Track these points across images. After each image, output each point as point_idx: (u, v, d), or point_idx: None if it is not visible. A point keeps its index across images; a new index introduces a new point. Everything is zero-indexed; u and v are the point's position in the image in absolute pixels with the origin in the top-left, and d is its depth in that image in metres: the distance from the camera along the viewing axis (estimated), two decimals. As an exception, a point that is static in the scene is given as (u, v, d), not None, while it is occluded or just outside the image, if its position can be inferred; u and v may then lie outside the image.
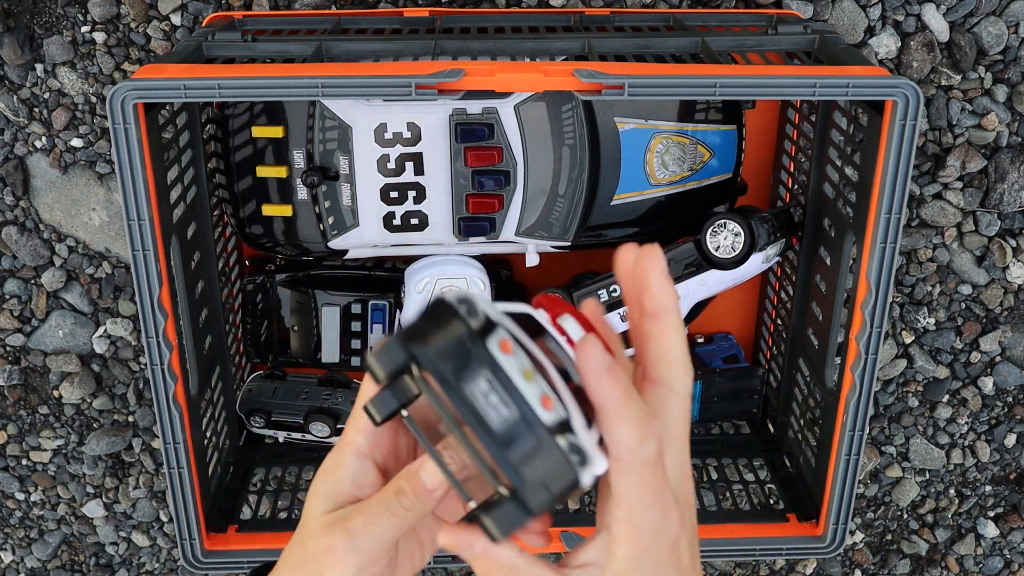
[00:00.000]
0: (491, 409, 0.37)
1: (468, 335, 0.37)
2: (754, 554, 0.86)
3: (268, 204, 0.86)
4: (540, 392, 0.37)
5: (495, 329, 0.38)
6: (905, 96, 0.69)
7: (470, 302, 0.38)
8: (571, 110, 0.82)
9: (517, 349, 0.38)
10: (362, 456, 0.46)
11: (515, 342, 0.38)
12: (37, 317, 1.06)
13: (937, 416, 1.14)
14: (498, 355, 0.37)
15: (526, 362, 0.38)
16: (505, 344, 0.37)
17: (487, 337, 0.37)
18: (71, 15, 0.93)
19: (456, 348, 0.37)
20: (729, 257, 0.86)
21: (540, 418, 0.37)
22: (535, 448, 0.37)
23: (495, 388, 0.37)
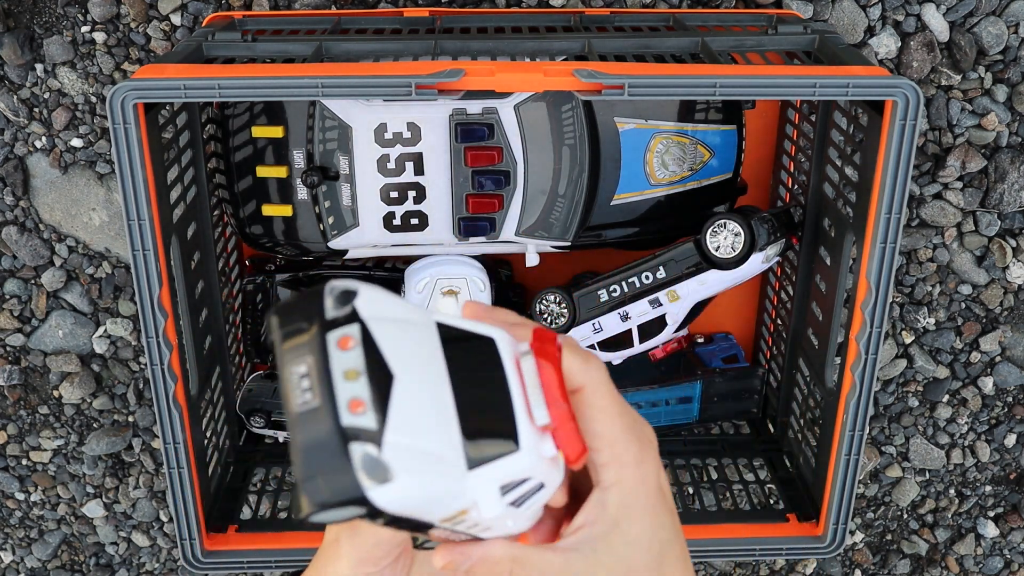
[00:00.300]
0: (299, 392, 0.36)
1: (315, 321, 0.37)
2: (754, 554, 0.86)
3: (268, 204, 0.86)
4: (353, 395, 0.35)
5: (348, 325, 0.37)
6: (905, 96, 0.69)
7: (346, 293, 0.38)
8: (571, 110, 0.82)
9: (358, 349, 0.36)
10: None
11: (364, 344, 0.37)
12: (37, 317, 1.06)
13: (937, 416, 1.14)
14: (331, 347, 0.36)
15: (359, 364, 0.36)
16: (345, 341, 0.36)
17: (331, 329, 0.37)
18: (71, 15, 0.93)
19: (297, 329, 0.37)
20: (729, 257, 0.86)
21: (338, 415, 0.35)
22: (321, 443, 0.35)
23: (310, 375, 0.36)
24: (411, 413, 0.37)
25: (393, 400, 0.36)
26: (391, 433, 0.35)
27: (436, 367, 0.39)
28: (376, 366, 0.36)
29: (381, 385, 0.36)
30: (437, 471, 0.37)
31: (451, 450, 0.38)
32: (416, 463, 0.36)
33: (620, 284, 0.91)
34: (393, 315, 0.38)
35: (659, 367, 0.99)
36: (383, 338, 0.37)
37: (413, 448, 0.36)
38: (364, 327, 0.37)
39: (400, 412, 0.36)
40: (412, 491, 0.36)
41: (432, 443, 0.37)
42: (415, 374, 0.38)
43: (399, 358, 0.37)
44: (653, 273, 0.90)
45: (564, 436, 0.41)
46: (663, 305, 0.90)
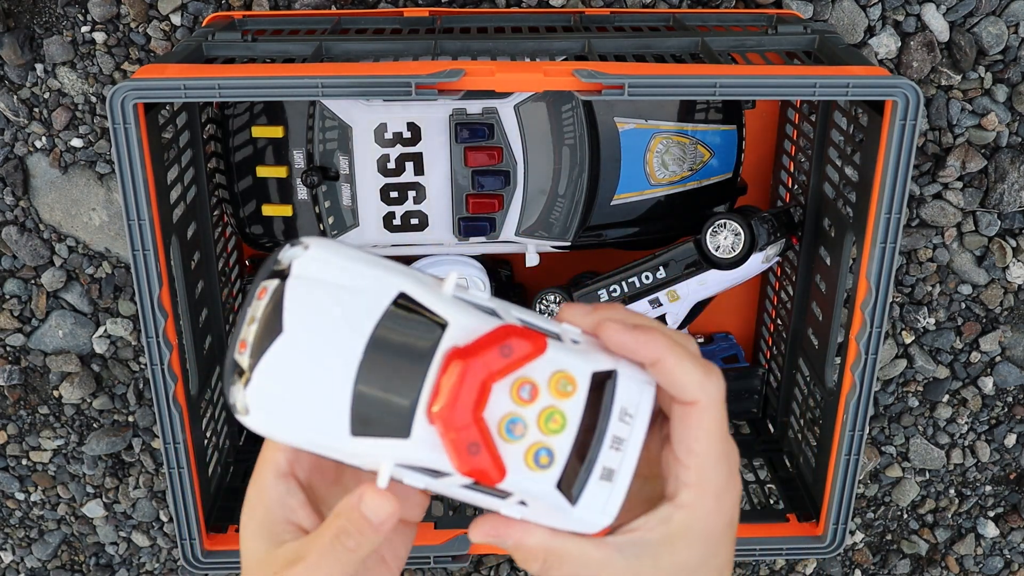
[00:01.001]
0: None
1: (267, 267, 0.42)
2: (754, 554, 0.86)
3: (268, 204, 0.86)
4: (243, 337, 0.41)
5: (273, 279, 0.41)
6: (905, 96, 0.69)
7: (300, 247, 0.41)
8: (571, 110, 0.82)
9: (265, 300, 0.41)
10: (284, 476, 0.44)
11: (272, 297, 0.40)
12: (37, 317, 1.06)
13: (937, 416, 1.14)
14: (252, 295, 0.41)
15: (258, 313, 0.40)
16: (262, 291, 0.41)
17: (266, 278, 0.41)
18: (71, 15, 0.93)
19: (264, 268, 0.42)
20: (729, 257, 0.86)
21: (232, 348, 0.41)
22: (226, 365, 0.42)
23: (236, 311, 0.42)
24: (287, 367, 0.40)
25: (269, 353, 0.40)
26: (257, 375, 0.40)
27: (352, 339, 0.40)
28: (271, 319, 0.40)
29: (266, 337, 0.40)
30: (304, 424, 0.41)
31: (331, 412, 0.40)
32: (276, 408, 0.41)
33: (620, 284, 0.91)
34: (334, 280, 0.40)
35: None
36: (293, 297, 0.40)
37: (278, 395, 0.40)
38: (283, 284, 0.40)
39: (273, 364, 0.40)
40: (271, 428, 0.42)
41: (304, 397, 0.40)
42: (312, 338, 0.40)
43: (301, 320, 0.40)
44: (653, 273, 0.90)
45: (451, 443, 0.39)
46: (663, 305, 0.90)
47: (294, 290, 0.40)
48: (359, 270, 0.41)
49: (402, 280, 0.41)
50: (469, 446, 0.39)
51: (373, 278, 0.41)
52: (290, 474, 0.44)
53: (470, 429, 0.39)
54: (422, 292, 0.40)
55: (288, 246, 0.42)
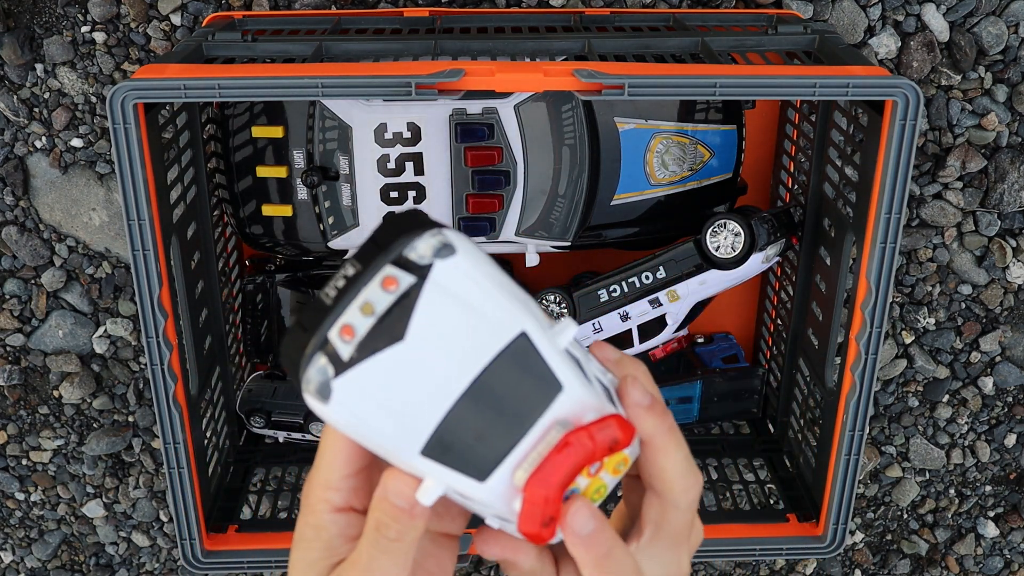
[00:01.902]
0: (331, 284, 0.39)
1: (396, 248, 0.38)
2: (754, 554, 0.86)
3: (268, 204, 0.86)
4: (352, 323, 0.37)
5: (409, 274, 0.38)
6: (905, 96, 0.69)
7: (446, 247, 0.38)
8: (571, 110, 0.82)
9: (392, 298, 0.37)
10: (343, 511, 0.42)
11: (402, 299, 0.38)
12: (37, 317, 1.06)
13: (937, 416, 1.14)
14: (377, 278, 0.38)
15: (380, 307, 0.37)
16: (390, 282, 0.37)
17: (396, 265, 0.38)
18: (71, 15, 0.93)
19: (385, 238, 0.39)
20: (729, 257, 0.86)
21: (328, 327, 0.38)
22: (305, 330, 0.38)
23: (346, 280, 0.38)
24: (393, 375, 0.37)
25: (381, 356, 0.37)
26: (355, 371, 0.37)
27: (466, 361, 0.38)
28: (394, 321, 0.37)
29: (382, 337, 0.37)
30: (380, 430, 0.38)
31: (413, 428, 0.38)
32: (360, 409, 0.38)
33: (620, 284, 0.91)
34: (469, 298, 0.38)
35: (659, 367, 0.99)
36: (427, 308, 0.37)
37: (369, 397, 0.38)
38: (420, 286, 0.37)
39: (381, 366, 0.37)
40: (343, 422, 0.39)
41: (395, 408, 0.38)
42: (428, 353, 0.37)
43: (425, 334, 0.37)
44: (653, 273, 0.90)
45: (529, 510, 0.39)
46: (663, 305, 0.90)
47: (430, 300, 0.37)
48: (493, 294, 0.38)
49: (526, 317, 0.39)
50: (545, 520, 0.39)
51: (501, 307, 0.38)
52: (348, 508, 0.42)
53: (554, 506, 0.39)
54: (542, 339, 0.39)
55: (429, 235, 0.38)
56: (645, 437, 0.42)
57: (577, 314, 0.93)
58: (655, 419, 0.41)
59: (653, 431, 0.41)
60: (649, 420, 0.41)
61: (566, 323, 0.40)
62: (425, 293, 0.37)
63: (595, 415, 0.40)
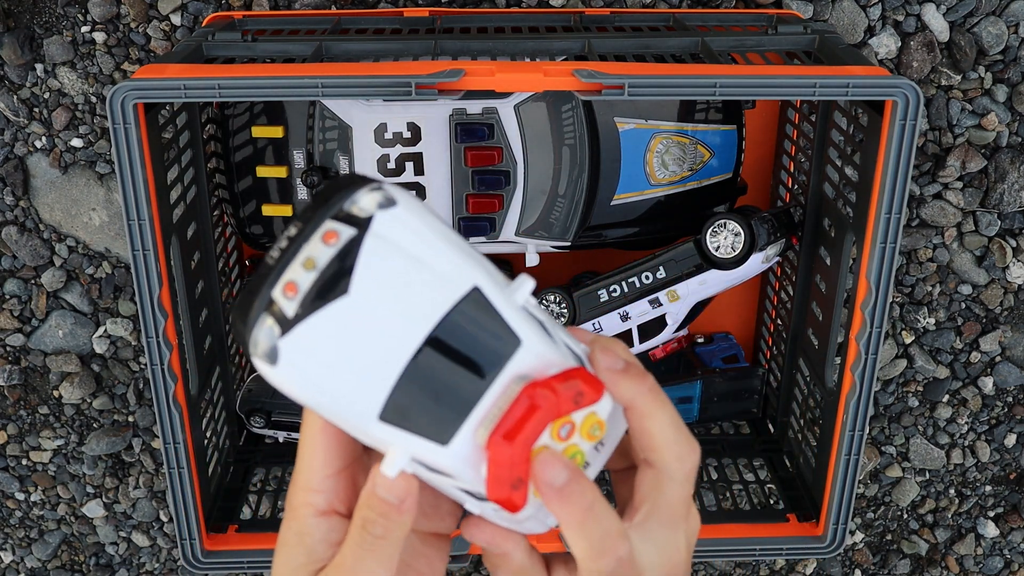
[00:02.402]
0: (275, 246, 0.38)
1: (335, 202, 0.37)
2: (754, 554, 0.86)
3: (268, 204, 0.86)
4: (294, 279, 0.36)
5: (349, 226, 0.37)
6: (905, 96, 0.69)
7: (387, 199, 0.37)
8: (571, 110, 0.82)
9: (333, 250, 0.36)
10: (325, 514, 0.41)
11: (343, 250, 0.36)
12: (37, 317, 1.06)
13: (937, 416, 1.14)
14: (317, 232, 0.37)
15: (322, 261, 0.36)
16: (330, 236, 0.36)
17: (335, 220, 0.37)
18: (71, 15, 0.93)
19: (324, 196, 0.38)
20: (729, 257, 0.86)
21: (272, 286, 0.37)
22: (251, 293, 0.37)
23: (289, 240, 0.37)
24: (339, 331, 0.36)
25: (327, 309, 0.36)
26: (302, 329, 0.36)
27: (416, 322, 0.37)
28: (336, 275, 0.36)
29: (325, 291, 0.36)
30: (333, 392, 0.37)
31: (366, 390, 0.37)
32: (310, 369, 0.37)
33: (620, 284, 0.91)
34: (414, 251, 0.37)
35: (659, 367, 0.99)
36: (370, 261, 0.36)
37: (317, 356, 0.36)
38: (360, 238, 0.36)
39: (326, 322, 0.36)
40: (295, 385, 0.37)
41: (345, 368, 0.37)
42: (375, 308, 0.36)
43: (369, 286, 0.36)
44: (653, 273, 0.90)
45: (495, 472, 0.37)
46: (663, 305, 0.90)
47: (372, 251, 0.36)
48: (440, 247, 0.37)
49: (478, 272, 0.37)
50: (514, 481, 0.38)
51: (451, 261, 0.37)
52: (331, 511, 0.41)
53: (521, 466, 0.38)
54: (496, 294, 0.38)
55: (368, 189, 0.37)
56: (625, 402, 0.40)
57: (577, 314, 0.93)
58: (631, 381, 0.40)
59: (632, 394, 0.40)
60: (625, 382, 0.40)
61: (522, 279, 0.39)
62: (366, 245, 0.36)
63: (558, 371, 0.38)
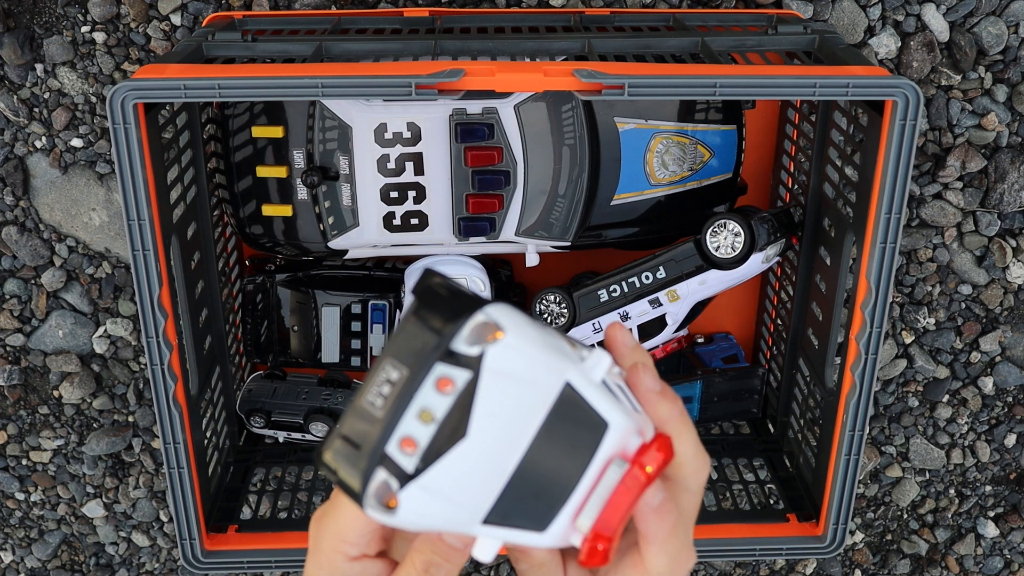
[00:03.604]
0: (375, 391, 0.36)
1: (442, 340, 0.36)
2: (754, 554, 0.86)
3: (268, 204, 0.86)
4: (412, 435, 0.36)
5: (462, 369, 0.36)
6: (905, 96, 0.69)
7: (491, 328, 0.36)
8: (571, 110, 0.82)
9: (451, 399, 0.36)
10: (358, 558, 0.42)
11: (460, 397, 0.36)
12: (37, 317, 1.06)
13: (937, 416, 1.14)
14: (430, 379, 0.36)
15: (440, 412, 0.36)
16: (445, 383, 0.36)
17: (446, 362, 0.36)
18: (71, 15, 0.93)
19: (423, 328, 0.36)
20: (729, 257, 0.86)
21: (386, 441, 0.36)
22: (357, 444, 0.36)
23: (394, 387, 0.36)
24: (455, 474, 0.36)
25: (446, 458, 0.36)
26: (421, 481, 0.36)
27: (521, 433, 0.37)
28: (454, 421, 0.36)
29: (445, 440, 0.36)
30: (445, 518, 0.37)
31: (475, 507, 0.37)
32: (427, 510, 0.37)
33: (620, 284, 0.91)
34: (519, 373, 0.36)
35: (659, 367, 0.99)
36: (485, 398, 0.36)
37: (433, 499, 0.36)
38: (476, 380, 0.36)
39: (444, 471, 0.36)
40: (407, 524, 0.37)
41: (457, 500, 0.37)
42: (489, 439, 0.36)
43: (485, 421, 0.36)
44: (653, 273, 0.90)
45: (591, 549, 0.39)
46: (663, 305, 0.90)
47: (487, 391, 0.36)
48: (539, 358, 0.37)
49: (567, 365, 0.38)
50: (608, 552, 0.39)
51: (547, 367, 0.37)
52: (362, 556, 0.42)
53: (615, 540, 0.39)
54: (583, 383, 0.38)
55: (477, 322, 0.36)
56: (659, 422, 0.42)
57: (577, 314, 0.93)
58: (668, 404, 0.42)
59: (667, 416, 0.42)
60: (663, 405, 0.42)
61: (599, 356, 0.39)
62: (482, 386, 0.36)
63: (638, 438, 0.39)
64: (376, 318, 0.96)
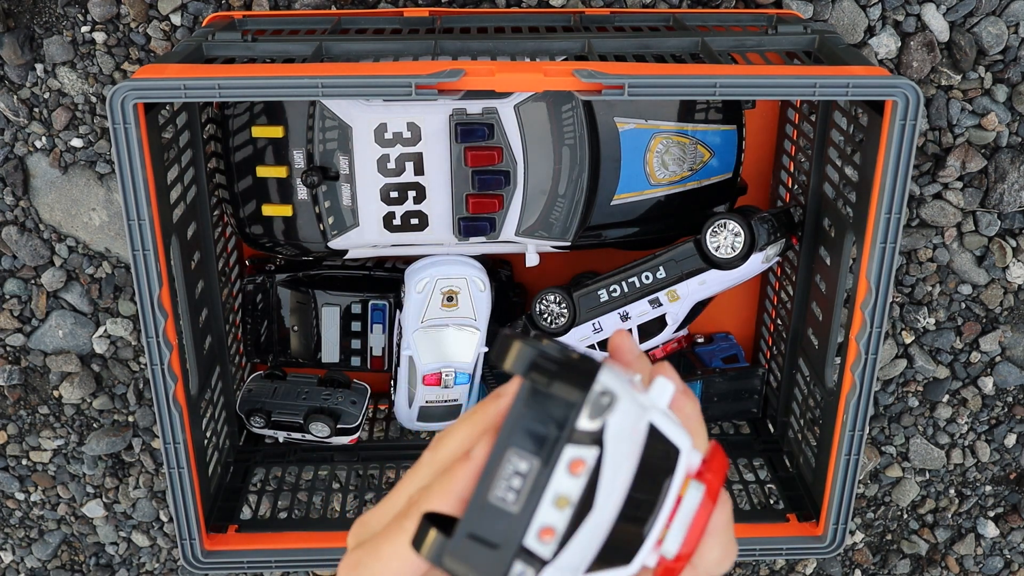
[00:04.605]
0: (504, 484, 0.35)
1: (567, 421, 0.35)
2: (754, 554, 0.86)
3: (268, 204, 0.86)
4: (550, 524, 0.35)
5: (589, 447, 0.35)
6: (905, 96, 0.69)
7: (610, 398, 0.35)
8: (571, 110, 0.82)
9: (583, 480, 0.35)
10: None
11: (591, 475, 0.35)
12: (37, 317, 1.06)
13: (937, 416, 1.14)
14: (562, 464, 0.35)
15: (574, 495, 0.35)
16: (577, 465, 0.35)
17: (574, 443, 0.35)
18: (71, 15, 0.93)
19: (547, 409, 0.35)
20: (729, 257, 0.86)
21: (526, 535, 0.35)
22: (494, 543, 0.35)
23: (526, 479, 0.35)
24: (582, 546, 0.36)
25: (581, 531, 0.35)
26: (557, 564, 0.35)
27: (625, 482, 0.36)
28: (586, 498, 0.35)
29: (577, 519, 0.35)
30: None
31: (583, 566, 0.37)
32: None
33: (620, 284, 0.91)
34: (631, 432, 0.36)
35: (659, 367, 0.99)
36: (609, 466, 0.35)
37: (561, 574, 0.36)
38: (601, 454, 0.35)
39: (576, 548, 0.35)
40: None
41: (578, 568, 0.36)
42: (613, 503, 0.36)
43: (610, 487, 0.36)
44: (653, 273, 0.90)
45: (667, 570, 0.38)
46: (663, 305, 0.90)
47: (612, 459, 0.35)
48: (634, 409, 0.36)
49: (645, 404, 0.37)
50: (681, 570, 0.38)
51: (638, 414, 0.37)
52: None
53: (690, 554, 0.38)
54: (661, 418, 0.37)
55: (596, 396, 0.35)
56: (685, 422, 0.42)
57: (577, 314, 0.93)
58: (692, 403, 0.42)
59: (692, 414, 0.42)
60: (689, 405, 0.42)
61: (662, 385, 0.38)
62: (607, 455, 0.35)
63: (697, 454, 0.39)
64: (376, 318, 0.96)
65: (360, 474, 0.98)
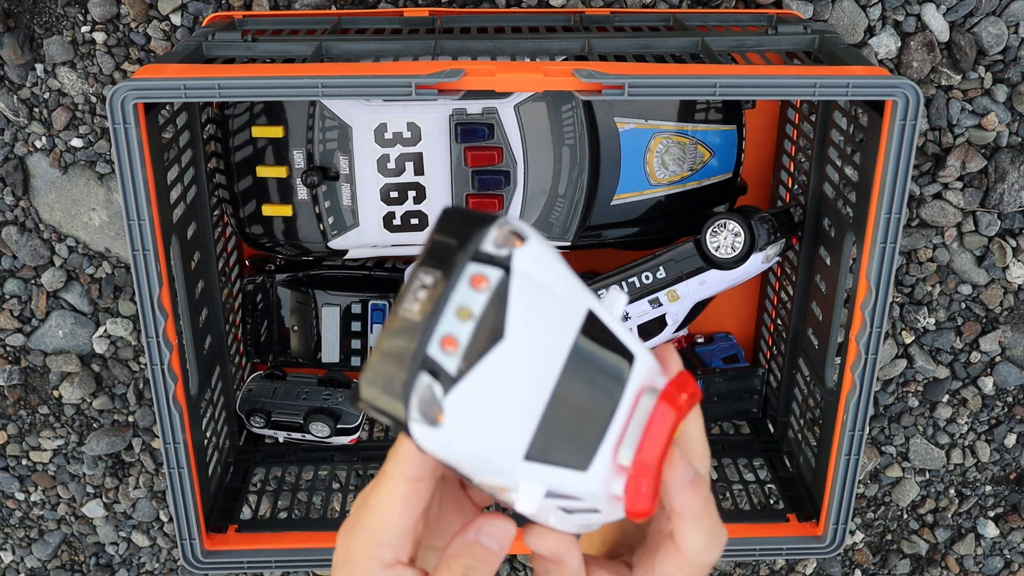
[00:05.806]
0: (411, 298, 0.36)
1: (470, 243, 0.36)
2: (754, 554, 0.86)
3: (268, 204, 0.87)
4: (452, 332, 0.35)
5: (493, 267, 0.35)
6: (905, 96, 0.69)
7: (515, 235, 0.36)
8: (571, 110, 0.82)
9: (486, 296, 0.35)
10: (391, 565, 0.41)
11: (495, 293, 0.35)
12: (37, 317, 1.06)
13: (937, 416, 1.14)
14: (463, 278, 0.35)
15: (477, 308, 0.35)
16: (479, 280, 0.35)
17: (477, 261, 0.35)
18: (71, 15, 0.93)
19: (451, 238, 0.36)
20: (729, 257, 0.86)
21: (427, 342, 0.35)
22: (398, 356, 0.35)
23: (429, 290, 0.35)
24: (498, 378, 0.35)
25: (488, 358, 0.35)
26: (466, 385, 0.35)
27: (554, 354, 0.36)
28: (492, 319, 0.35)
29: (485, 339, 0.35)
30: (490, 443, 0.36)
31: (517, 432, 0.36)
32: (472, 424, 0.35)
33: (620, 284, 0.91)
34: (546, 283, 0.36)
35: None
36: (518, 298, 0.36)
37: (479, 409, 0.35)
38: (507, 279, 0.36)
39: (487, 372, 0.35)
40: (453, 445, 0.36)
41: (502, 415, 0.36)
42: (526, 348, 0.36)
43: (521, 326, 0.36)
44: (653, 273, 0.90)
45: (635, 488, 0.38)
46: (663, 305, 0.90)
47: (520, 290, 0.36)
48: (563, 273, 0.37)
49: (586, 294, 0.38)
50: (653, 492, 0.38)
51: (571, 287, 0.37)
52: (396, 563, 0.41)
53: (658, 476, 0.38)
54: (605, 313, 0.38)
55: (499, 226, 0.36)
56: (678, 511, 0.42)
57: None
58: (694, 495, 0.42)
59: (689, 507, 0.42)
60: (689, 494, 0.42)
61: (615, 294, 0.39)
62: (514, 284, 0.35)
63: (661, 376, 0.39)
64: (376, 318, 0.96)
65: (360, 474, 0.98)
